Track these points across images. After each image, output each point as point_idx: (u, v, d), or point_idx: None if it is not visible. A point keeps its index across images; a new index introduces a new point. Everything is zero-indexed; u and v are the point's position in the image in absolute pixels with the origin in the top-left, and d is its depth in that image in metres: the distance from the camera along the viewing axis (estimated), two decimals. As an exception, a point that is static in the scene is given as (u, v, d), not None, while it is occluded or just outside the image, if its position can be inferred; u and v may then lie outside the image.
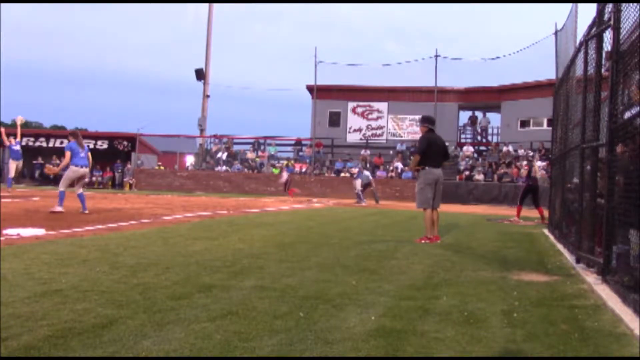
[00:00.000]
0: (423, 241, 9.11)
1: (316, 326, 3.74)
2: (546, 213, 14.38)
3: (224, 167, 35.17)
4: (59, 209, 12.37)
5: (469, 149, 33.86)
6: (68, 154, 12.85)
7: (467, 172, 30.86)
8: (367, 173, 25.62)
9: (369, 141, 36.69)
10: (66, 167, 13.03)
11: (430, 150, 9.38)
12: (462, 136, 38.54)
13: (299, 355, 3.19)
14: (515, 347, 3.50)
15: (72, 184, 12.99)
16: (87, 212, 12.63)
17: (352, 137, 37.40)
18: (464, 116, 38.76)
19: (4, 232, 8.35)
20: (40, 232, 8.52)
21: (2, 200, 15.81)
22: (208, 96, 38.41)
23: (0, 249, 6.53)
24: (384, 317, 4.04)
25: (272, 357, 3.15)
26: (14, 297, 4.23)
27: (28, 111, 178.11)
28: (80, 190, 13.00)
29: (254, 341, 3.37)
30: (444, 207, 10.73)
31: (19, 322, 3.55)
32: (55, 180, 24.00)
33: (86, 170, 13.22)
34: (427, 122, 9.90)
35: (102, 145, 41.10)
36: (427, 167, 9.33)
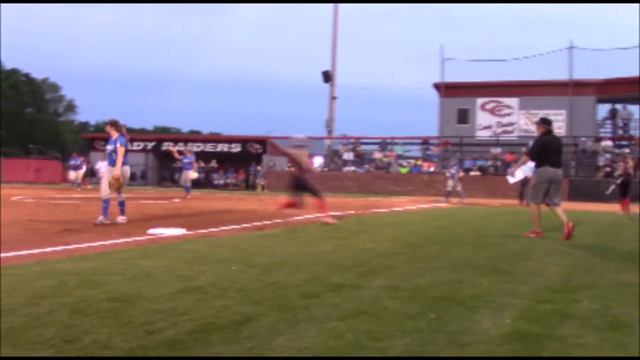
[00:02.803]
0: (531, 235, 9.56)
1: (448, 328, 3.68)
2: None
3: (352, 168, 35.45)
4: (121, 219, 10.35)
5: (608, 144, 31.94)
6: (122, 150, 10.37)
7: (607, 169, 29.11)
8: (530, 165, 23.95)
9: (500, 138, 35.58)
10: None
11: (547, 151, 9.73)
12: (601, 130, 36.43)
13: (431, 356, 3.14)
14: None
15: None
16: (111, 221, 10.22)
17: (482, 134, 36.44)
18: (602, 109, 36.64)
19: (149, 231, 8.89)
20: (180, 231, 8.99)
21: (146, 202, 16.87)
22: (335, 97, 38.90)
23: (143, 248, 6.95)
24: (519, 320, 3.89)
25: (403, 357, 3.13)
26: (158, 293, 4.48)
27: (167, 117, 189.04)
28: (123, 197, 10.63)
29: (385, 341, 3.37)
30: (579, 206, 10.30)
31: (163, 317, 3.76)
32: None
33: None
34: (546, 123, 10.15)
35: (236, 148, 42.79)
36: (544, 166, 9.65)
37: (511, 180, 17.21)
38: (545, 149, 9.75)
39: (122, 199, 10.50)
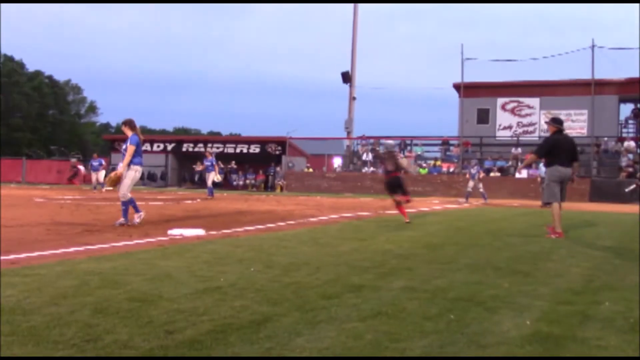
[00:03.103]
0: (554, 236, 9.50)
1: (468, 329, 3.66)
2: None
3: (371, 168, 35.41)
4: (137, 219, 10.17)
5: (631, 144, 31.56)
6: (132, 149, 10.24)
7: (629, 169, 28.76)
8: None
9: (520, 138, 35.31)
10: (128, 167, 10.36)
11: (558, 150, 9.87)
12: (624, 130, 36.00)
13: (450, 356, 3.13)
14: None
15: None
16: (130, 222, 10.08)
17: (502, 134, 36.19)
18: (626, 109, 36.20)
19: (169, 232, 8.95)
20: (200, 232, 9.04)
21: (165, 202, 16.98)
22: (354, 98, 38.87)
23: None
24: (540, 322, 3.86)
25: (422, 357, 3.12)
26: (178, 293, 4.51)
27: (187, 119, 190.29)
28: (129, 195, 10.26)
29: (404, 342, 3.36)
30: (601, 207, 10.22)
31: (184, 317, 3.78)
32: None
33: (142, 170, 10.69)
34: (557, 122, 10.32)
35: (255, 149, 42.95)
36: (555, 165, 9.81)
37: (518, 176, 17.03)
38: (557, 148, 9.90)
39: (126, 199, 10.16)
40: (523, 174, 24.96)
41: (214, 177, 23.49)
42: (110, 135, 61.28)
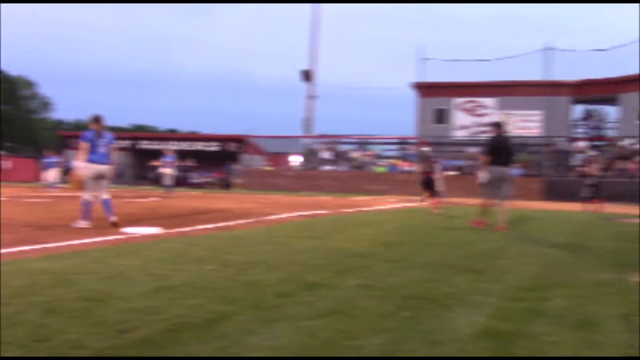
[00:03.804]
0: (475, 225, 10.84)
1: (422, 326, 3.70)
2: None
3: (329, 167, 35.51)
4: (82, 224, 9.32)
5: (582, 144, 32.37)
6: (83, 145, 9.62)
7: (581, 169, 29.49)
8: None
9: (476, 138, 35.85)
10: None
11: (497, 151, 10.76)
12: (576, 131, 36.89)
13: (405, 355, 3.16)
14: (635, 352, 3.31)
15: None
16: (114, 219, 9.51)
17: (459, 134, 36.69)
18: (578, 110, 37.11)
19: (124, 230, 8.82)
20: (157, 230, 8.93)
21: (122, 200, 16.74)
22: (314, 97, 38.89)
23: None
24: (492, 319, 3.93)
25: (378, 357, 3.14)
26: (131, 292, 4.45)
27: (145, 115, 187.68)
28: (106, 196, 9.71)
29: (359, 340, 3.38)
30: (554, 205, 10.48)
31: (137, 316, 3.73)
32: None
33: (105, 168, 9.73)
34: (497, 126, 11.41)
35: (213, 147, 42.64)
36: (494, 166, 10.70)
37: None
38: (498, 149, 10.80)
39: (91, 199, 9.54)
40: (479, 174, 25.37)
41: (171, 174, 23.26)
42: (64, 131, 60.02)
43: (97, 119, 9.75)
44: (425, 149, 18.22)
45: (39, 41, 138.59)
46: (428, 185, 16.23)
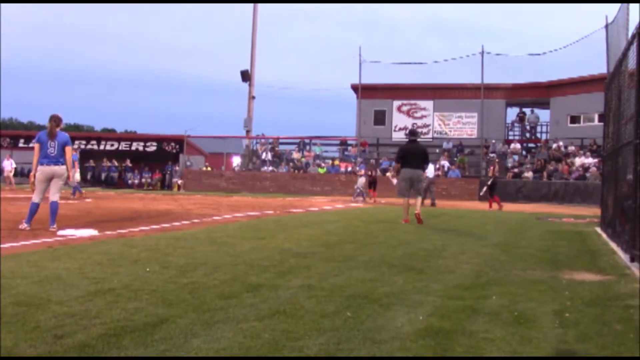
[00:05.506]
0: (403, 222, 12.08)
1: (364, 325, 3.74)
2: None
3: (270, 168, 35.41)
4: (24, 225, 9.10)
5: (516, 146, 33.31)
6: (36, 147, 9.34)
7: (515, 170, 30.34)
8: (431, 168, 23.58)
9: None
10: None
11: (407, 156, 12.43)
12: (510, 133, 37.89)
13: (347, 355, 3.19)
14: (567, 347, 3.43)
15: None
16: (54, 228, 9.06)
17: (398, 136, 37.17)
18: (512, 113, 38.13)
19: (59, 232, 8.58)
20: (93, 232, 8.72)
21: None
22: (253, 97, 38.67)
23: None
24: (432, 317, 4.01)
25: (320, 357, 3.16)
26: (68, 296, 4.34)
27: (79, 114, 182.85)
28: (55, 198, 9.36)
29: (301, 340, 3.39)
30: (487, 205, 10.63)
31: (74, 321, 3.64)
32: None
33: (54, 169, 9.31)
34: (411, 134, 13.53)
35: (151, 147, 41.87)
36: (404, 168, 12.35)
37: (395, 182, 18.56)
38: (406, 154, 12.45)
39: (37, 201, 9.27)
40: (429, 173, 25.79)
41: (75, 174, 22.28)
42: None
43: (50, 119, 9.43)
44: (494, 154, 23.25)
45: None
46: (493, 187, 20.90)
